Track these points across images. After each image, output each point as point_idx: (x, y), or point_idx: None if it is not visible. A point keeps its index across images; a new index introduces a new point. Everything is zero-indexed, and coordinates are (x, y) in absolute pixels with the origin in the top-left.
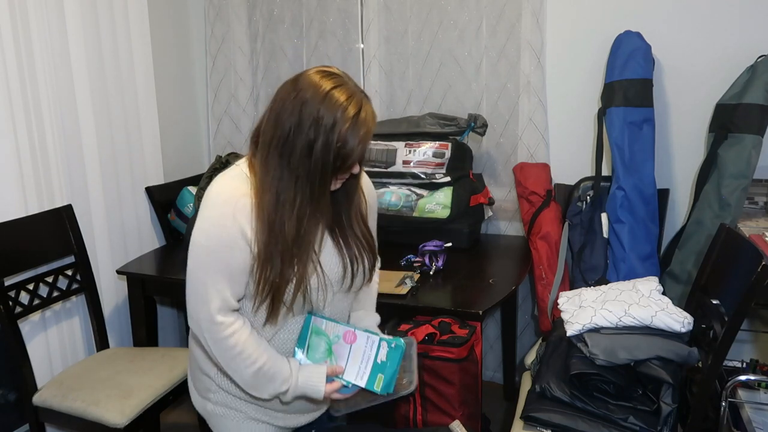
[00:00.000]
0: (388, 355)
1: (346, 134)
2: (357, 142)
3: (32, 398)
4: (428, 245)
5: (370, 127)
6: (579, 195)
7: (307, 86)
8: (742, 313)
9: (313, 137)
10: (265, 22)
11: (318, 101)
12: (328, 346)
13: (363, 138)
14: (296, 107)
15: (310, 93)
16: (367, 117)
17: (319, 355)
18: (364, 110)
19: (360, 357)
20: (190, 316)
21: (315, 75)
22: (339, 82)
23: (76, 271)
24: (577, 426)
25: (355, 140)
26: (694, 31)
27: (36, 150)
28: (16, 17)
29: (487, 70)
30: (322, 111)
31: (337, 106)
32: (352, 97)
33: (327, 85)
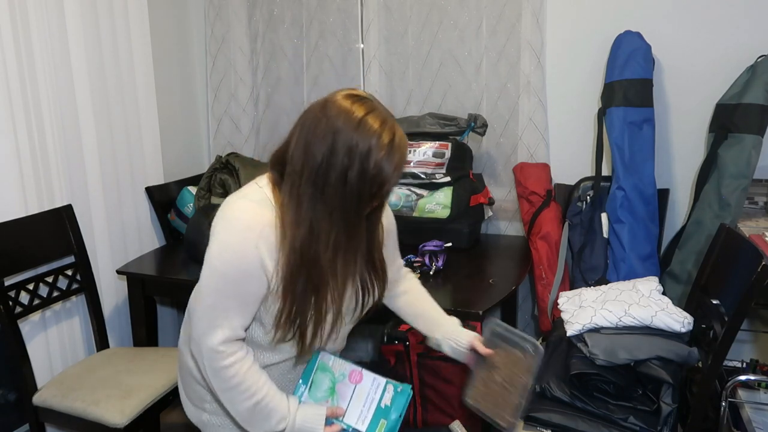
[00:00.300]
0: (393, 400)
1: (382, 161)
2: (393, 169)
3: (32, 398)
4: (428, 245)
5: (404, 153)
6: (579, 195)
7: (338, 113)
8: (742, 313)
9: (348, 166)
10: (265, 22)
11: (351, 129)
12: (332, 384)
13: (398, 164)
14: (328, 135)
15: (342, 120)
16: (401, 142)
17: (321, 393)
18: (397, 136)
19: (363, 399)
20: (193, 337)
21: (345, 101)
22: (370, 107)
23: (76, 271)
24: (577, 426)
25: (391, 167)
26: (694, 31)
27: (36, 150)
28: (16, 17)
29: (487, 70)
30: (356, 139)
31: (371, 133)
32: (385, 124)
33: (359, 112)
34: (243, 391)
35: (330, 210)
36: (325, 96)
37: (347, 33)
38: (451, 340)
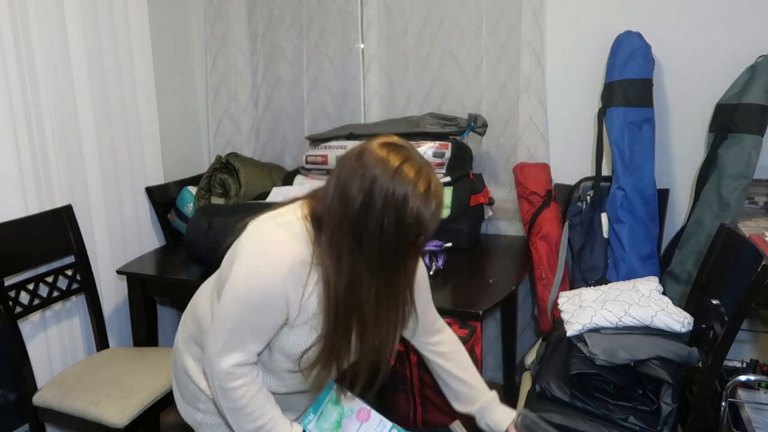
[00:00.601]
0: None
1: (418, 209)
2: (429, 217)
3: (32, 398)
4: (428, 245)
5: (441, 200)
6: (579, 195)
7: (374, 162)
8: (742, 313)
9: (385, 214)
10: (265, 22)
11: (388, 178)
12: (339, 418)
13: (435, 212)
14: (365, 185)
15: (379, 169)
16: (437, 190)
17: (327, 425)
18: (433, 184)
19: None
20: (207, 355)
21: (381, 149)
22: (406, 156)
23: (76, 271)
24: (577, 426)
25: (428, 214)
26: (694, 31)
27: (36, 150)
28: (16, 17)
29: (487, 70)
30: (392, 188)
31: (407, 181)
32: (420, 172)
33: (395, 161)
34: (248, 414)
35: (369, 259)
36: (361, 144)
37: (347, 33)
38: (489, 420)
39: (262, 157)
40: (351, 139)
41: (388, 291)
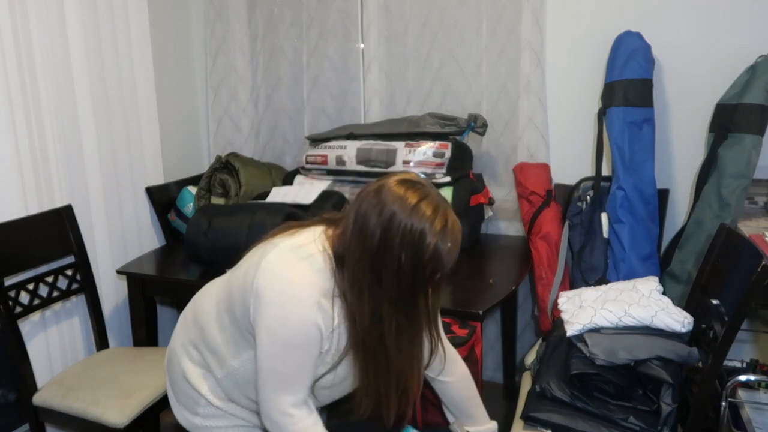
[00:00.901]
0: None
1: (436, 246)
2: (446, 253)
3: (32, 398)
4: None
5: (458, 238)
6: (579, 195)
7: (392, 199)
8: (742, 313)
9: (402, 251)
10: (265, 22)
11: (406, 215)
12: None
13: (452, 249)
14: (383, 221)
15: (397, 206)
16: (454, 227)
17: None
18: (450, 221)
19: None
20: (263, 405)
21: (398, 187)
22: (424, 193)
23: (76, 271)
24: (577, 426)
25: (444, 251)
26: (694, 31)
27: (36, 150)
28: (16, 17)
29: (487, 70)
30: (410, 224)
31: (425, 219)
32: (438, 209)
33: (413, 198)
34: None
35: (389, 295)
36: (379, 180)
37: (347, 33)
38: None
39: (262, 157)
40: (351, 138)
41: (410, 326)
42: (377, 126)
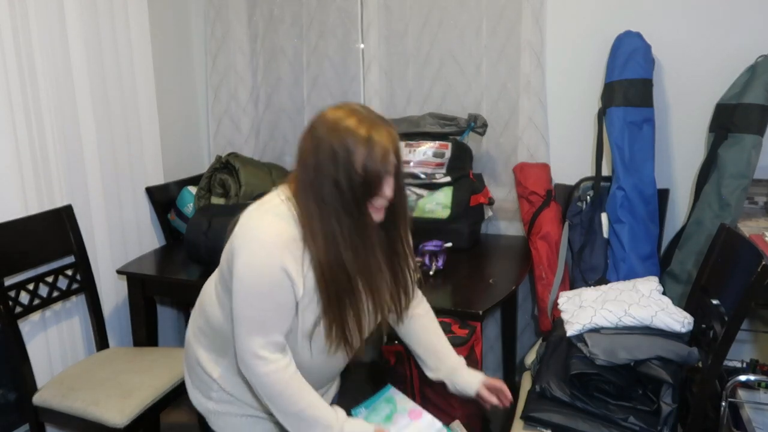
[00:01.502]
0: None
1: (365, 161)
2: (377, 165)
3: (32, 398)
4: (428, 245)
5: (387, 147)
6: (579, 195)
7: (320, 124)
8: (742, 313)
9: (335, 171)
10: (265, 22)
11: (330, 135)
12: (390, 413)
13: (382, 159)
14: (313, 147)
15: (323, 130)
16: (381, 138)
17: (377, 418)
18: (376, 132)
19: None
20: (238, 350)
21: (328, 112)
22: (349, 111)
23: (76, 271)
24: (577, 426)
25: (374, 163)
26: (694, 31)
27: (36, 150)
28: (16, 17)
29: (487, 70)
30: (335, 144)
31: (347, 134)
32: (362, 122)
33: (338, 119)
34: (287, 398)
35: (336, 216)
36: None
37: (347, 33)
38: (458, 385)
39: (262, 157)
40: None
41: (363, 242)
42: None
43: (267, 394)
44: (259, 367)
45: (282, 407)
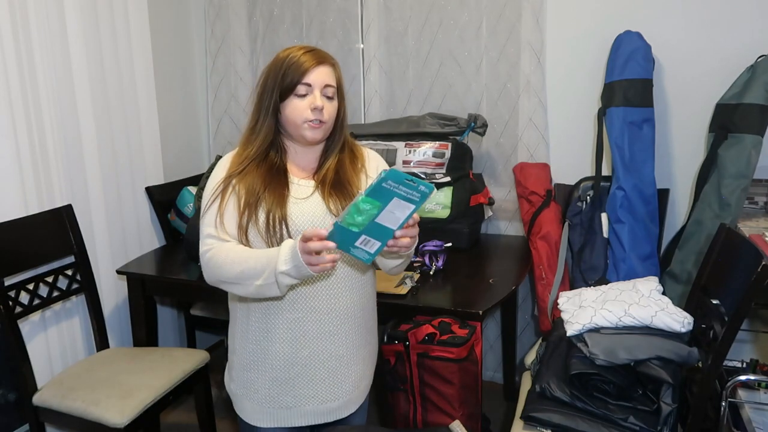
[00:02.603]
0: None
1: (291, 61)
2: (299, 63)
3: (32, 398)
4: (428, 245)
5: (315, 49)
6: (579, 195)
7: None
8: (742, 313)
9: (270, 70)
10: (265, 22)
11: (277, 57)
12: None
13: (306, 59)
14: (262, 74)
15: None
16: (313, 50)
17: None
18: (310, 47)
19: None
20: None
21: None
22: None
23: (76, 271)
24: (577, 426)
25: (297, 62)
26: (694, 31)
27: (36, 150)
28: (16, 17)
29: (487, 70)
30: (277, 61)
31: (287, 50)
32: (305, 46)
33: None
34: (229, 264)
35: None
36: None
37: (347, 33)
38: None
39: None
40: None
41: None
42: (377, 126)
43: (216, 278)
44: (206, 253)
45: (231, 279)
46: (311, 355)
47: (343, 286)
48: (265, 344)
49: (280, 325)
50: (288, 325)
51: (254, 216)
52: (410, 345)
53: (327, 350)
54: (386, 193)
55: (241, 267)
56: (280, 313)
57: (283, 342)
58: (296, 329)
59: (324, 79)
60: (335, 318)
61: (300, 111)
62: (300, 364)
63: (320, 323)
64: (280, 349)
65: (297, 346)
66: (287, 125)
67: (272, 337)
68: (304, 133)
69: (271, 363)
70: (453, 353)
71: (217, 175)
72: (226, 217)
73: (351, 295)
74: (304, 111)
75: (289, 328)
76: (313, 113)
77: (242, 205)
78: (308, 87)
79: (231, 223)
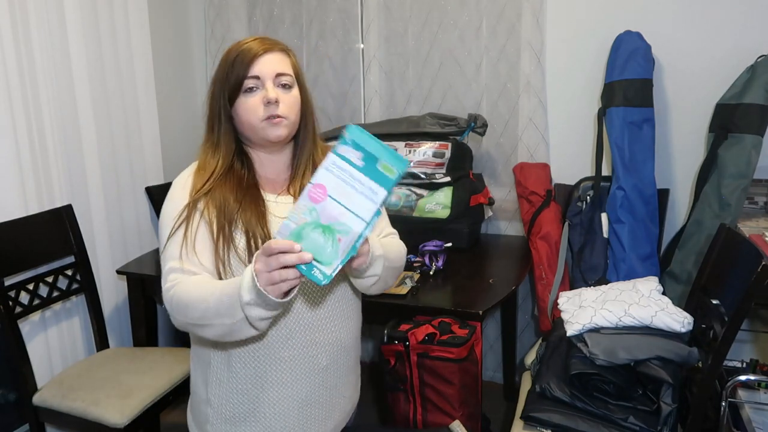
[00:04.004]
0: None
1: (233, 55)
2: (242, 55)
3: (32, 398)
4: (428, 245)
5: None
6: (579, 195)
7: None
8: (742, 313)
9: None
10: (265, 22)
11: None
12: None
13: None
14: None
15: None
16: (257, 38)
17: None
18: (256, 37)
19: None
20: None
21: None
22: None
23: (76, 271)
24: (577, 426)
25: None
26: (694, 31)
27: (36, 150)
28: (16, 17)
29: (487, 70)
30: (221, 61)
31: (234, 45)
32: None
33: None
34: (194, 303)
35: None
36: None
37: (347, 33)
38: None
39: None
40: None
41: (227, 144)
42: (377, 126)
43: (181, 320)
44: (168, 290)
45: (198, 317)
46: (309, 394)
47: (341, 314)
48: (256, 392)
49: (274, 366)
50: (283, 365)
51: (232, 240)
52: (410, 345)
53: (324, 383)
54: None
55: (205, 304)
56: (273, 352)
57: (279, 386)
58: (293, 369)
59: (274, 68)
60: (334, 350)
61: (253, 109)
62: (297, 406)
63: (317, 358)
64: (275, 395)
65: (294, 387)
66: (244, 130)
67: (265, 383)
68: (265, 133)
69: (265, 412)
70: (453, 353)
71: (177, 198)
72: (198, 247)
73: (349, 323)
74: (257, 108)
75: (283, 369)
76: (268, 108)
77: (215, 229)
78: (257, 80)
79: (205, 254)
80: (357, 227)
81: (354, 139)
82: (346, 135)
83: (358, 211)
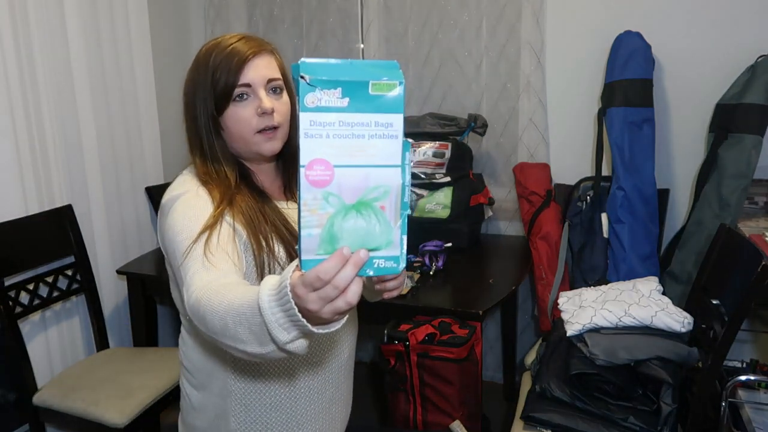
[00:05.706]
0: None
1: (218, 59)
2: (229, 59)
3: (32, 398)
4: (428, 245)
5: (250, 42)
6: (579, 195)
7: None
8: (742, 313)
9: (197, 85)
10: (265, 22)
11: (197, 59)
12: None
13: (236, 52)
14: (186, 83)
15: (194, 60)
16: (243, 38)
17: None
18: (239, 35)
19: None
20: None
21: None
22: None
23: (76, 271)
24: (577, 426)
25: (226, 59)
26: (694, 31)
27: (36, 150)
28: (16, 17)
29: (487, 70)
30: (201, 62)
31: (210, 45)
32: (231, 35)
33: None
34: (213, 312)
35: (196, 131)
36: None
37: (347, 33)
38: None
39: None
40: None
41: (224, 156)
42: None
43: (207, 327)
44: (188, 301)
45: (219, 327)
46: (308, 412)
47: (345, 330)
48: (265, 416)
49: (273, 388)
50: (284, 384)
51: (272, 251)
52: (410, 345)
53: (326, 397)
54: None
55: (230, 312)
56: (267, 376)
57: (280, 410)
58: (297, 388)
59: (264, 73)
60: (336, 369)
61: (246, 120)
62: (299, 424)
63: (317, 377)
64: (279, 418)
65: (295, 404)
66: (233, 141)
67: (269, 405)
68: (258, 148)
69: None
70: (453, 353)
71: (196, 207)
72: (229, 251)
73: (352, 338)
74: (250, 119)
75: (285, 386)
76: (262, 119)
77: (253, 241)
78: (247, 87)
79: (235, 262)
80: (394, 179)
81: (318, 77)
82: (305, 78)
83: (383, 161)
